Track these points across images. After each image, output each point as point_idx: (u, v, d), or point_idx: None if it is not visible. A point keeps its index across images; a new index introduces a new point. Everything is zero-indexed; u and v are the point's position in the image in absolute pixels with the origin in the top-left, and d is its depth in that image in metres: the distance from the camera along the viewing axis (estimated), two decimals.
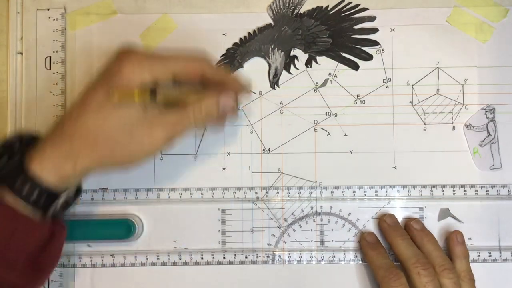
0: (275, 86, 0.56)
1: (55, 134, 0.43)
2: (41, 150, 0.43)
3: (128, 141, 0.43)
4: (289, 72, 0.56)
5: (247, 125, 0.56)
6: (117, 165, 0.45)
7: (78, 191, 0.47)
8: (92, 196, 0.55)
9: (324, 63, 0.56)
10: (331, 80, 0.56)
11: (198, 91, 0.46)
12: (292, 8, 0.56)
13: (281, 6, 0.56)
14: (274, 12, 0.56)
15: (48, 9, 0.56)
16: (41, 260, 0.45)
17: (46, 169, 0.42)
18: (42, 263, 0.45)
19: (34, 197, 0.42)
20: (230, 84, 0.48)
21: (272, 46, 0.56)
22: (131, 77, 0.42)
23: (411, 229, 0.53)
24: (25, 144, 0.45)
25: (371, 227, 0.55)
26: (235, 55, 0.56)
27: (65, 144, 0.42)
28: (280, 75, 0.56)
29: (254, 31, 0.56)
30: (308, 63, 0.56)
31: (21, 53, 0.56)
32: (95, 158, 0.43)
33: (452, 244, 0.52)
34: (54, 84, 0.56)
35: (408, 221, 0.53)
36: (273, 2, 0.56)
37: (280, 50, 0.56)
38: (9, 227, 0.42)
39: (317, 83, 0.56)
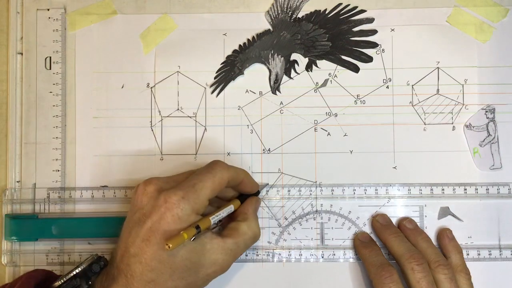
0: (276, 91, 0.56)
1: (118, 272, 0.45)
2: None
3: (194, 275, 0.45)
4: (289, 77, 0.56)
5: (247, 125, 0.56)
6: None
7: None
8: (92, 194, 0.55)
9: (324, 65, 0.56)
10: (331, 80, 0.56)
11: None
12: (290, 12, 0.56)
13: (279, 11, 0.56)
14: (273, 18, 0.56)
15: (48, 9, 0.56)
16: None
17: None
18: None
19: None
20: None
21: (272, 52, 0.56)
22: (177, 225, 0.44)
23: (404, 228, 0.53)
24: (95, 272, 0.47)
25: (371, 225, 0.55)
26: (235, 62, 0.56)
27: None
28: (281, 81, 0.55)
29: (253, 37, 0.56)
30: (308, 67, 0.56)
31: (21, 53, 0.56)
32: None
33: (444, 241, 0.53)
34: (54, 84, 0.56)
35: (401, 220, 0.54)
36: (271, 8, 0.56)
37: (279, 55, 0.56)
38: None
39: (317, 83, 0.56)
